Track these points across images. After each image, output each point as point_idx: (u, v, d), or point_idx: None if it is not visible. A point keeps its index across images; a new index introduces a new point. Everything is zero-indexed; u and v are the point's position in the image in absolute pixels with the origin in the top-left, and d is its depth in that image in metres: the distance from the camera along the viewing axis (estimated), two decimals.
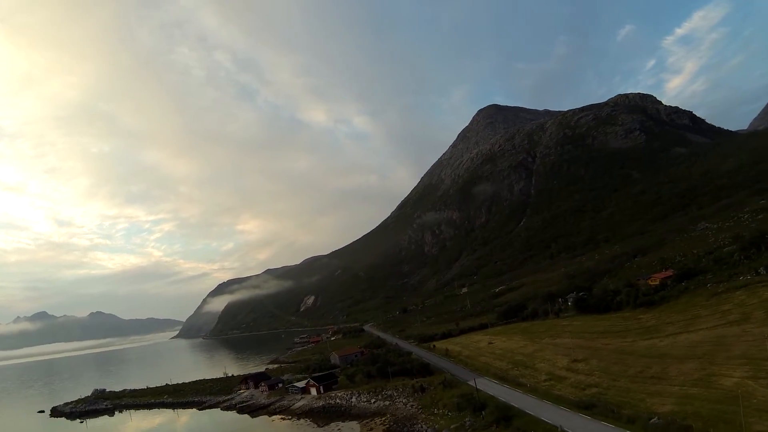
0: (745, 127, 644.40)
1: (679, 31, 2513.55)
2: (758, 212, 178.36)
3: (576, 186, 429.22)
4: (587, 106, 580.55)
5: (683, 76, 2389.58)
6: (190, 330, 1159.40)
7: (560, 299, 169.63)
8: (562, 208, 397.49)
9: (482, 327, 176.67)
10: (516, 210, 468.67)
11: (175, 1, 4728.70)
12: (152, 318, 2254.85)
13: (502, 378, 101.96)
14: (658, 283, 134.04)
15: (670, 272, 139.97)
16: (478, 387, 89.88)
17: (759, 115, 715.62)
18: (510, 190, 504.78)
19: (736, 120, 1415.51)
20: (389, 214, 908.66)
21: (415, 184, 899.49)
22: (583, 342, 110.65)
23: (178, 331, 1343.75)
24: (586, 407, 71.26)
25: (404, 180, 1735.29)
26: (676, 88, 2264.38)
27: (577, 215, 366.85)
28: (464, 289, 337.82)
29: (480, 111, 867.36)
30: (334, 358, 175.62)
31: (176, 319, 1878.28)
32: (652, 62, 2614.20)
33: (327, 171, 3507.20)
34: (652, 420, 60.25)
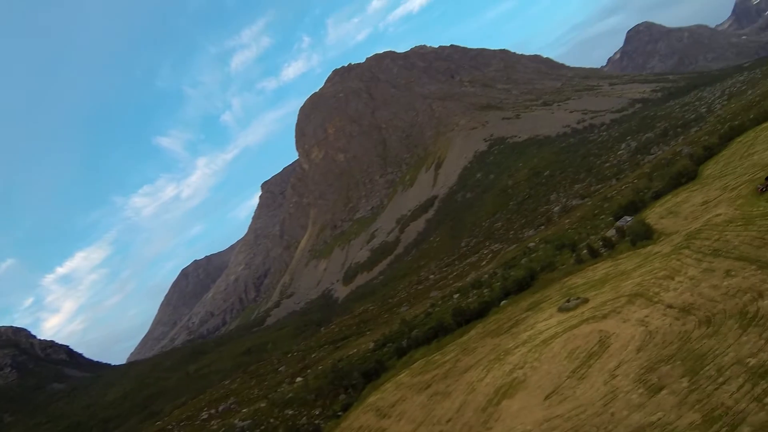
0: (124, 362, 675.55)
1: (61, 270, 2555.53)
2: None
3: None
4: None
5: (62, 315, 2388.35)
6: None
7: None
8: None
9: None
10: None
11: None
12: None
13: None
14: None
15: None
16: None
17: (135, 350, 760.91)
18: None
19: (116, 356, 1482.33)
20: None
21: None
22: None
23: None
24: None
25: None
26: (55, 327, 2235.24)
27: None
28: None
29: None
30: None
31: None
32: (30, 300, 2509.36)
33: None
34: None
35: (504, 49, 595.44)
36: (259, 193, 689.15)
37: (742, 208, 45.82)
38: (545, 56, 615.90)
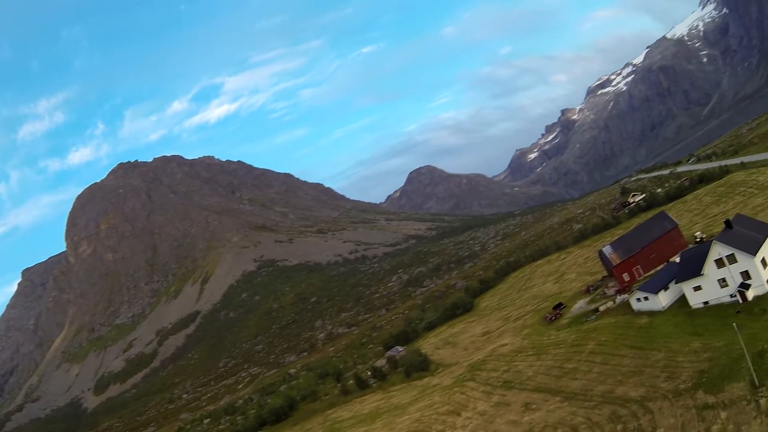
0: None
1: None
2: None
3: None
4: None
5: None
6: None
7: None
8: None
9: None
10: None
11: None
12: None
13: None
14: None
15: None
16: None
17: None
18: None
19: None
20: None
21: None
22: None
23: None
24: None
25: None
26: None
27: None
28: None
29: None
30: None
31: None
32: None
33: None
34: None
35: (288, 174, 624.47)
36: (19, 279, 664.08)
37: (531, 337, 42.83)
38: (327, 186, 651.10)
